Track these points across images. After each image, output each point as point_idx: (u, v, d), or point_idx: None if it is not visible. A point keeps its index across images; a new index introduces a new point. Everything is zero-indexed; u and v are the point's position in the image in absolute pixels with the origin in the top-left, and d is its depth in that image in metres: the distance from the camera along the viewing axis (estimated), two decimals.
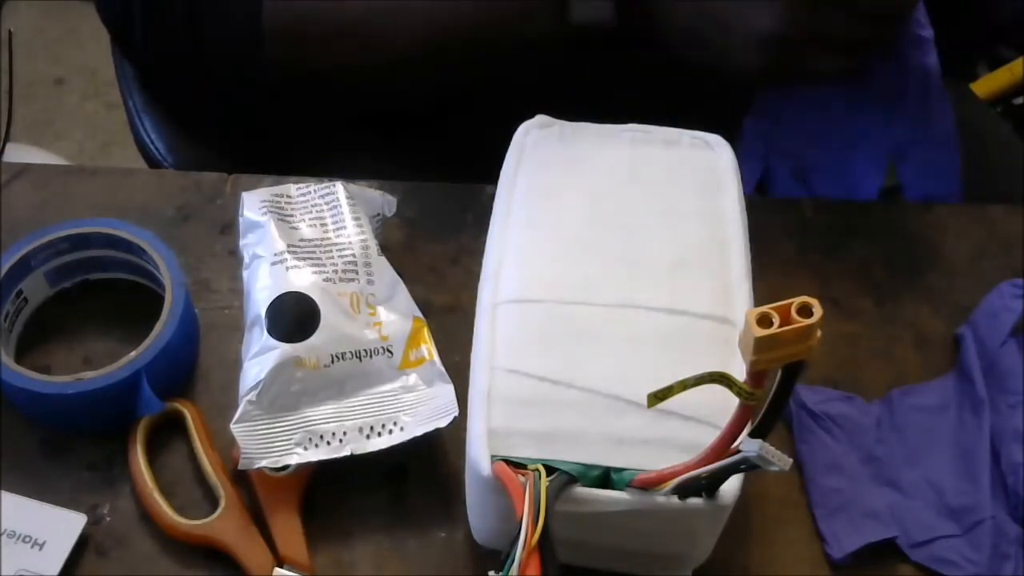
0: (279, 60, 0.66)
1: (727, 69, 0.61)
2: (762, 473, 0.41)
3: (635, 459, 0.45)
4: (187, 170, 0.67)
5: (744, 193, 0.54)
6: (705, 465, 0.42)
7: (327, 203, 0.58)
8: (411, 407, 0.53)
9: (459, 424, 0.49)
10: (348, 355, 0.53)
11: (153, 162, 0.85)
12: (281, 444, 0.52)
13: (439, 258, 0.63)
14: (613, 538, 0.47)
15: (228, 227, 0.63)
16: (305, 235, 0.57)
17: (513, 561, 0.41)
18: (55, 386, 0.53)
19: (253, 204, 0.58)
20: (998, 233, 0.66)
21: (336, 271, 0.55)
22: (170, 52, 0.68)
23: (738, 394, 0.39)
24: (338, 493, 0.53)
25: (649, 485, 0.44)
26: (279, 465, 0.51)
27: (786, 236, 0.65)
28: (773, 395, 0.39)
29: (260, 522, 0.52)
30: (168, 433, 0.55)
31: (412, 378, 0.54)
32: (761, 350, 0.36)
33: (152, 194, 0.65)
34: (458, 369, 0.52)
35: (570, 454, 0.45)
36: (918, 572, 0.53)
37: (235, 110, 0.73)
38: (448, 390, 0.53)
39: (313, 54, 0.66)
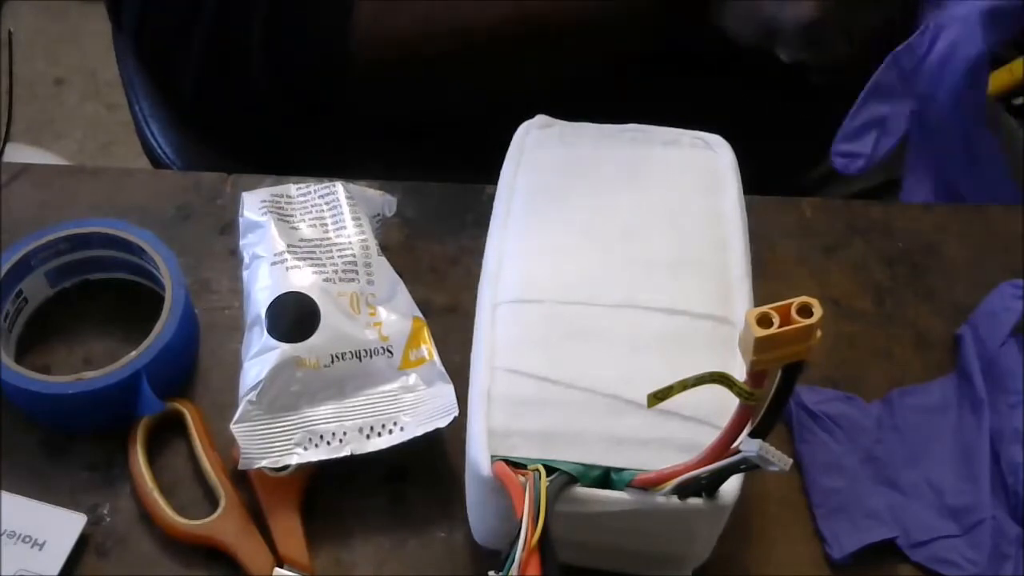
0: (365, 63, 0.66)
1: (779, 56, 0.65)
2: (762, 473, 0.41)
3: (635, 459, 0.45)
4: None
5: (744, 193, 0.55)
6: (705, 465, 0.42)
7: (327, 203, 0.58)
8: (411, 407, 0.53)
9: (459, 424, 0.49)
10: (348, 355, 0.53)
11: (162, 167, 0.85)
12: (281, 444, 0.52)
13: (439, 258, 0.63)
14: (613, 538, 0.47)
15: (228, 227, 0.63)
16: (305, 235, 0.57)
17: (513, 561, 0.41)
18: (55, 386, 0.53)
19: (253, 204, 0.58)
20: (998, 233, 0.66)
21: (336, 271, 0.55)
22: (234, 84, 0.68)
23: (738, 394, 0.39)
24: (338, 493, 0.53)
25: (649, 485, 0.44)
26: (279, 465, 0.51)
27: (786, 236, 0.65)
28: (773, 395, 0.39)
29: (260, 522, 0.52)
30: (168, 433, 0.55)
31: (412, 378, 0.54)
32: (761, 350, 0.36)
33: (152, 194, 0.65)
34: (458, 369, 0.52)
35: (570, 454, 0.45)
36: (918, 572, 0.53)
37: (260, 120, 0.73)
38: (448, 390, 0.53)
39: (405, 44, 0.67)
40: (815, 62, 0.65)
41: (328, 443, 0.52)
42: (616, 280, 0.50)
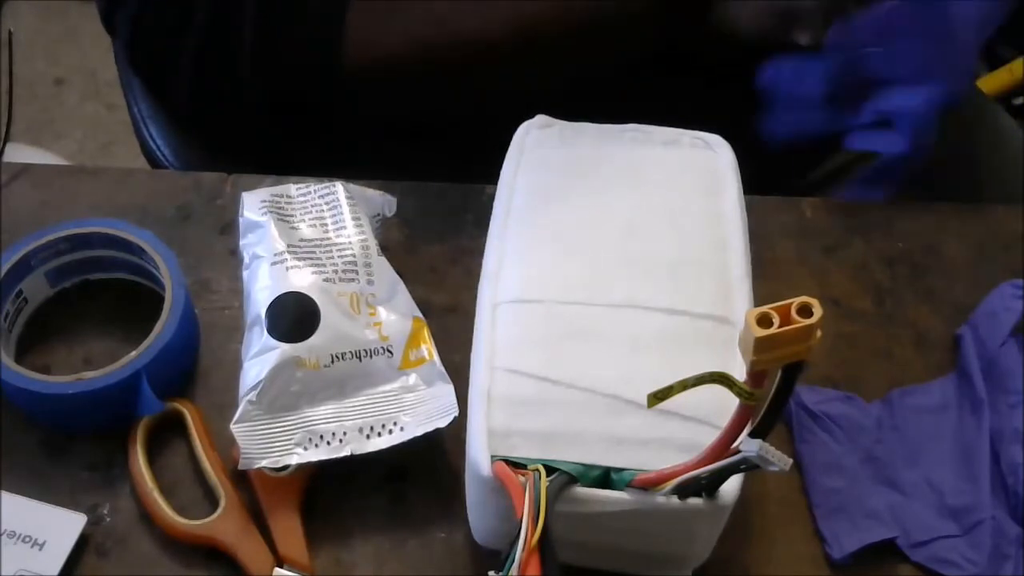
0: (358, 69, 0.66)
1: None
2: (762, 473, 0.41)
3: (635, 459, 0.45)
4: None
5: (744, 193, 0.55)
6: (705, 465, 0.42)
7: (327, 203, 0.58)
8: (411, 407, 0.53)
9: (459, 424, 0.49)
10: (348, 355, 0.53)
11: (160, 167, 0.85)
12: (281, 444, 0.52)
13: (439, 258, 0.63)
14: (613, 538, 0.47)
15: (228, 227, 0.63)
16: (305, 235, 0.57)
17: (513, 561, 0.41)
18: (55, 386, 0.53)
19: (253, 204, 0.58)
20: (998, 233, 0.66)
21: (336, 271, 0.55)
22: (226, 91, 0.68)
23: (738, 394, 0.39)
24: (338, 493, 0.53)
25: (649, 485, 0.44)
26: (279, 465, 0.51)
27: (786, 236, 0.65)
28: (773, 395, 0.39)
29: (260, 522, 0.52)
30: (168, 433, 0.55)
31: (412, 378, 0.54)
32: (761, 350, 0.36)
33: (152, 194, 0.65)
34: (458, 369, 0.52)
35: (570, 454, 0.45)
36: (918, 572, 0.53)
37: (256, 126, 0.73)
38: (448, 390, 0.53)
39: (399, 54, 0.66)
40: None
41: (328, 443, 0.52)
42: (616, 280, 0.50)
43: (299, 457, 0.51)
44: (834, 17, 0.63)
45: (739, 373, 0.38)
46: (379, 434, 0.52)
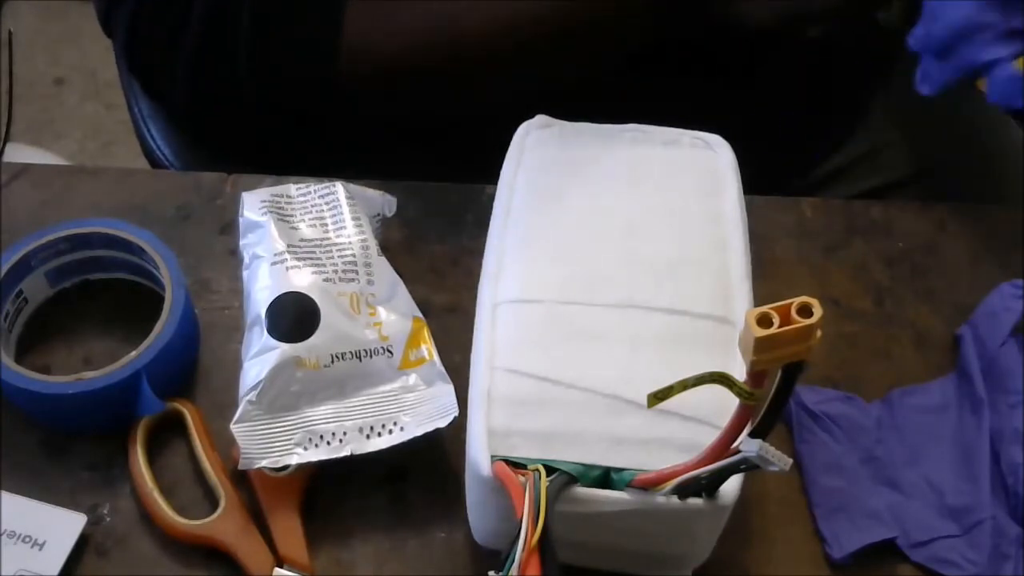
0: (357, 70, 0.66)
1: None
2: (762, 473, 0.41)
3: (635, 459, 0.45)
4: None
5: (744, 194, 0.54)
6: (705, 465, 0.42)
7: (327, 203, 0.58)
8: (411, 407, 0.53)
9: (459, 424, 0.49)
10: (348, 355, 0.53)
11: (160, 167, 0.85)
12: (281, 444, 0.52)
13: (439, 258, 0.63)
14: (613, 538, 0.47)
15: (228, 227, 0.63)
16: (305, 235, 0.57)
17: (513, 561, 0.41)
18: (55, 386, 0.53)
19: (253, 204, 0.58)
20: (998, 233, 0.66)
21: (336, 271, 0.55)
22: (224, 94, 0.68)
23: (738, 394, 0.39)
24: (338, 493, 0.53)
25: (649, 485, 0.44)
26: (279, 465, 0.51)
27: (786, 236, 0.65)
28: (773, 395, 0.39)
29: (260, 522, 0.52)
30: (168, 433, 0.55)
31: (412, 378, 0.54)
32: (761, 350, 0.36)
33: (152, 194, 0.65)
34: (458, 369, 0.52)
35: (570, 454, 0.45)
36: (918, 572, 0.53)
37: (254, 128, 0.73)
38: (448, 390, 0.53)
39: (398, 57, 0.66)
40: (845, 36, 0.65)
41: (328, 443, 0.52)
42: (616, 280, 0.50)
43: (299, 457, 0.51)
44: (847, 15, 0.63)
45: (739, 373, 0.38)
46: (379, 434, 0.52)
